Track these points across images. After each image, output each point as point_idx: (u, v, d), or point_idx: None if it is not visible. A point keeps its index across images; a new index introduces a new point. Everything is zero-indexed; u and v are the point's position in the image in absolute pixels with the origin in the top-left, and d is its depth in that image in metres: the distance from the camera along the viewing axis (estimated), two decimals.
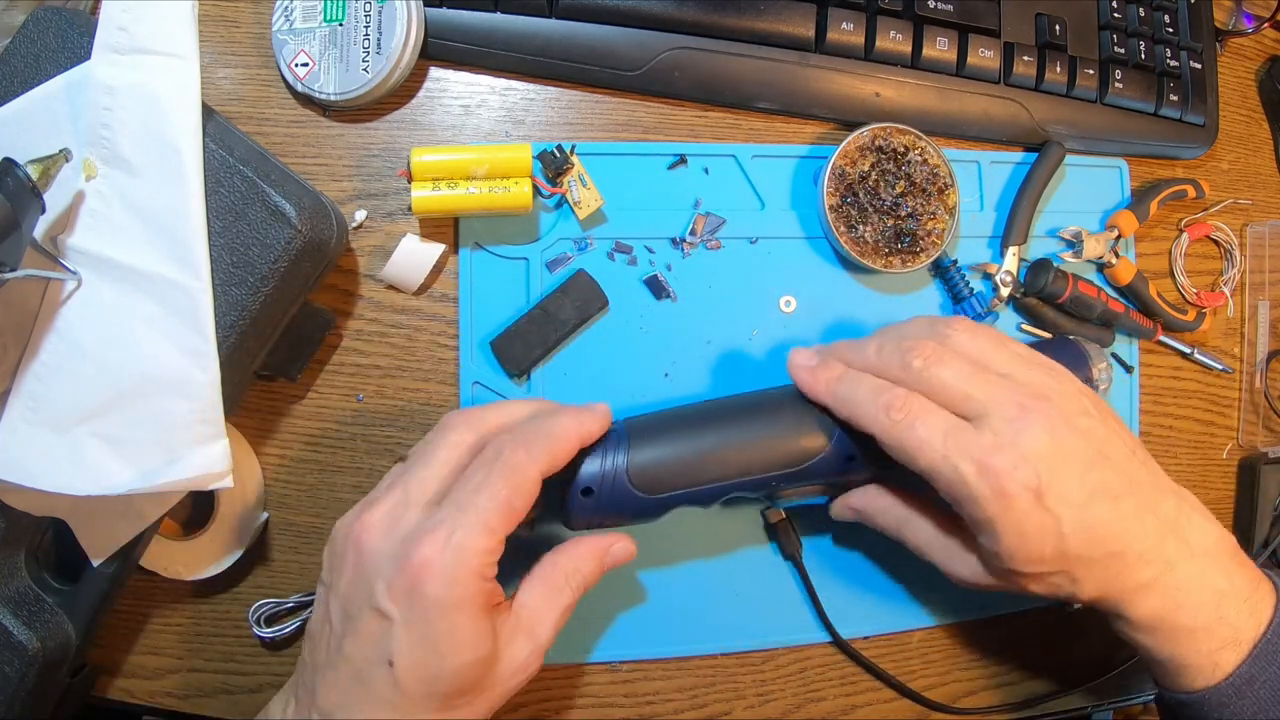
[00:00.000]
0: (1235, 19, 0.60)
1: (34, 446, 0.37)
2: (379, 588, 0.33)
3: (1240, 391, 0.59)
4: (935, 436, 0.37)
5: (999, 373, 0.39)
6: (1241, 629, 0.39)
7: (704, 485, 0.40)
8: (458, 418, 0.38)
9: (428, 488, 0.36)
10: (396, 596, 0.33)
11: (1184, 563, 0.38)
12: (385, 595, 0.33)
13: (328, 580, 0.36)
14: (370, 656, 0.34)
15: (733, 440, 0.40)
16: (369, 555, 0.34)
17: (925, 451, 0.37)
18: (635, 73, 0.48)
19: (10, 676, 0.39)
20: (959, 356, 0.39)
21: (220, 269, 0.38)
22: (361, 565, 0.34)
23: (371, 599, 0.33)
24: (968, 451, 0.36)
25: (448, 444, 0.37)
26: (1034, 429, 0.36)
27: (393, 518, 0.35)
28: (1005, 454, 0.36)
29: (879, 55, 0.50)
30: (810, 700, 0.51)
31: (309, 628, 0.37)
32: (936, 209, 0.50)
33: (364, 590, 0.34)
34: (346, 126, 0.47)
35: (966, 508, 0.37)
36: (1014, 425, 0.36)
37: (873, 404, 0.39)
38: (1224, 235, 0.58)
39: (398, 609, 0.33)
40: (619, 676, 0.49)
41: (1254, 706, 0.38)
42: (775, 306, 0.50)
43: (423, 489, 0.36)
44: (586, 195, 0.47)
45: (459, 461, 0.37)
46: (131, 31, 0.37)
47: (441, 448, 0.37)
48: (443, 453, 0.37)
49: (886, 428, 0.38)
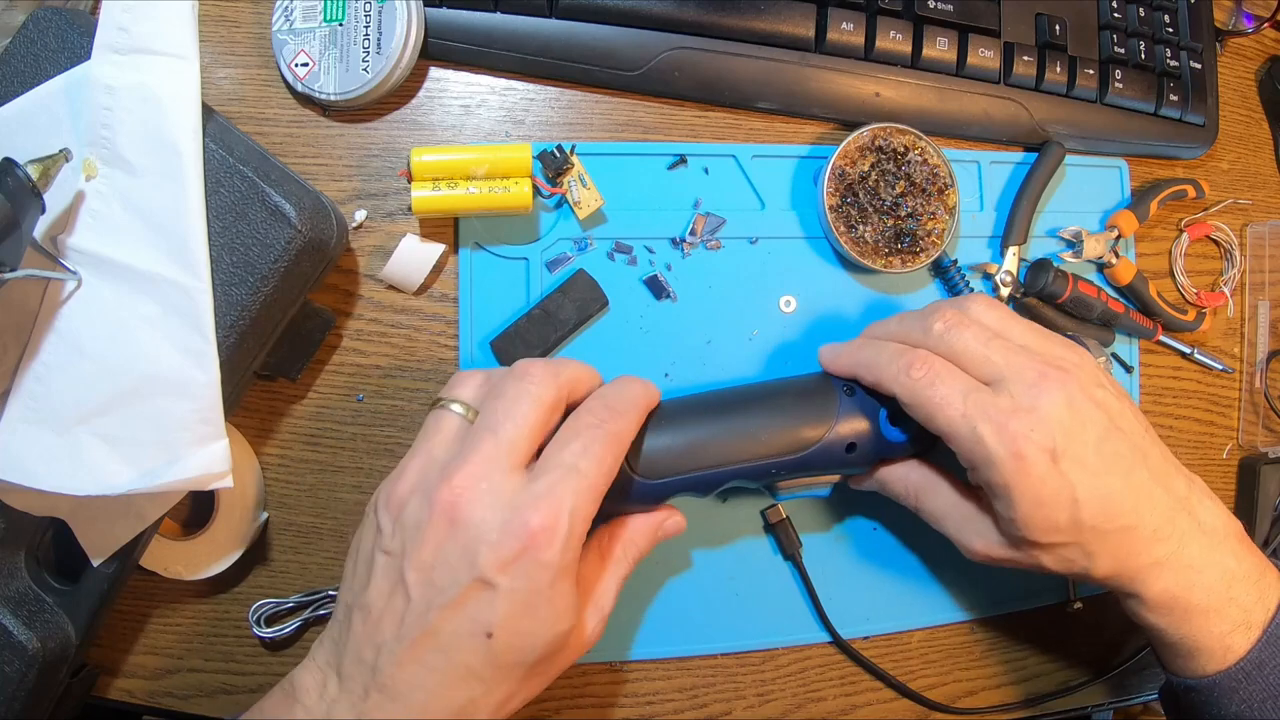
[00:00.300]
0: (1235, 19, 0.60)
1: (34, 446, 0.37)
2: (483, 555, 0.32)
3: (1240, 391, 0.59)
4: (955, 395, 0.37)
5: (1017, 343, 0.39)
6: (1252, 612, 0.39)
7: (703, 471, 0.40)
8: (538, 371, 0.36)
9: (519, 449, 0.34)
10: (505, 564, 0.32)
11: (1195, 541, 0.39)
12: (492, 563, 0.32)
13: (396, 549, 0.33)
14: (464, 629, 0.32)
15: (733, 427, 0.40)
16: (470, 523, 0.32)
17: (945, 409, 0.37)
18: (635, 73, 0.48)
19: (10, 676, 0.39)
20: (978, 324, 0.40)
21: (220, 269, 0.38)
22: (459, 533, 0.32)
23: (474, 567, 0.32)
24: (986, 413, 0.37)
25: (534, 400, 0.35)
26: (1052, 395, 0.37)
27: (490, 483, 0.33)
28: (1023, 418, 0.36)
29: (879, 55, 0.50)
30: (810, 700, 0.51)
31: (362, 600, 0.34)
32: (936, 209, 0.50)
33: (462, 559, 0.32)
34: (346, 126, 0.47)
35: (983, 471, 0.38)
36: (1032, 390, 0.37)
37: (894, 364, 0.39)
38: (1224, 235, 0.58)
39: (506, 578, 0.32)
40: (619, 676, 0.49)
41: (1263, 691, 0.38)
42: (775, 306, 0.50)
43: (514, 451, 0.34)
44: (586, 195, 0.47)
45: (546, 421, 0.35)
46: (131, 31, 0.37)
47: (527, 404, 0.35)
48: (531, 411, 0.34)
49: (907, 386, 0.38)
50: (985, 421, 0.37)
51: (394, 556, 0.33)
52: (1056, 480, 0.36)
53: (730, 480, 0.41)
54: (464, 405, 0.36)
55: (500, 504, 0.33)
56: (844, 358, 0.42)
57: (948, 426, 0.38)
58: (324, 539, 0.47)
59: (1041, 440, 0.36)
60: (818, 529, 0.51)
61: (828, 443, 0.41)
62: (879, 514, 0.51)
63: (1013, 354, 0.38)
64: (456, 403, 0.36)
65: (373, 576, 0.34)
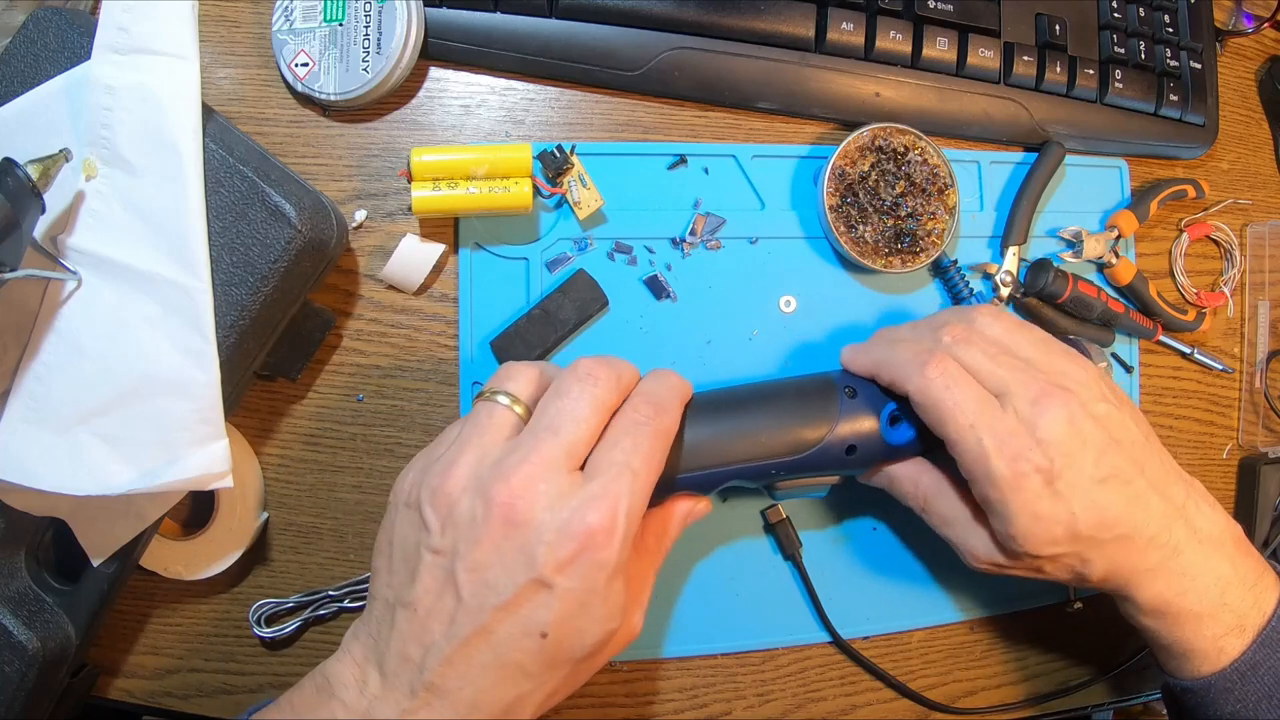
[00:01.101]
0: (1235, 19, 0.60)
1: (34, 446, 0.37)
2: (541, 555, 0.31)
3: (1240, 391, 0.59)
4: (968, 404, 0.38)
5: (1021, 358, 0.40)
6: (1246, 616, 0.39)
7: (704, 470, 0.40)
8: (603, 372, 0.35)
9: (580, 451, 0.34)
10: (563, 565, 0.32)
11: (1190, 548, 0.39)
12: (550, 564, 0.31)
13: (448, 548, 0.33)
14: (518, 629, 0.32)
15: (734, 427, 0.40)
16: (529, 524, 0.32)
17: (956, 417, 0.38)
18: (635, 73, 0.48)
19: (10, 676, 0.39)
20: (984, 338, 0.40)
21: (220, 269, 0.38)
22: (516, 534, 0.32)
23: (531, 568, 0.31)
24: (992, 428, 0.37)
25: (597, 403, 0.34)
26: (1052, 414, 0.37)
27: (548, 484, 0.32)
28: (1022, 437, 0.37)
29: (879, 55, 0.50)
30: (810, 700, 0.51)
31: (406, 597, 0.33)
32: (936, 209, 0.50)
33: (519, 560, 0.32)
34: (346, 126, 0.47)
35: (981, 485, 0.38)
36: (1034, 409, 0.37)
37: (911, 362, 0.40)
38: (1224, 235, 0.58)
39: (563, 578, 0.32)
40: (619, 676, 0.49)
41: (1258, 693, 0.39)
42: (775, 306, 0.50)
43: (574, 454, 0.34)
44: (586, 195, 0.47)
45: (604, 423, 0.35)
46: (131, 31, 0.37)
47: (589, 407, 0.34)
48: (594, 415, 0.34)
49: (922, 386, 0.39)
50: (990, 436, 0.37)
51: (444, 555, 0.33)
52: (1051, 500, 0.37)
53: (730, 480, 0.41)
54: (514, 399, 0.36)
55: (558, 505, 0.32)
56: (863, 356, 0.43)
57: (955, 434, 0.38)
58: (324, 539, 0.47)
59: (1039, 461, 0.37)
60: (818, 529, 0.51)
61: (828, 444, 0.41)
62: (879, 514, 0.51)
63: (1017, 370, 0.39)
64: (507, 395, 0.36)
65: (419, 574, 0.33)
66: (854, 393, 0.42)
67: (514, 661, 0.32)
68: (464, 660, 0.32)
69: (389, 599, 0.34)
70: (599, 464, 0.34)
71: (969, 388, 0.38)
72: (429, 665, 0.32)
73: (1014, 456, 0.37)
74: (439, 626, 0.32)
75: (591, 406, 0.34)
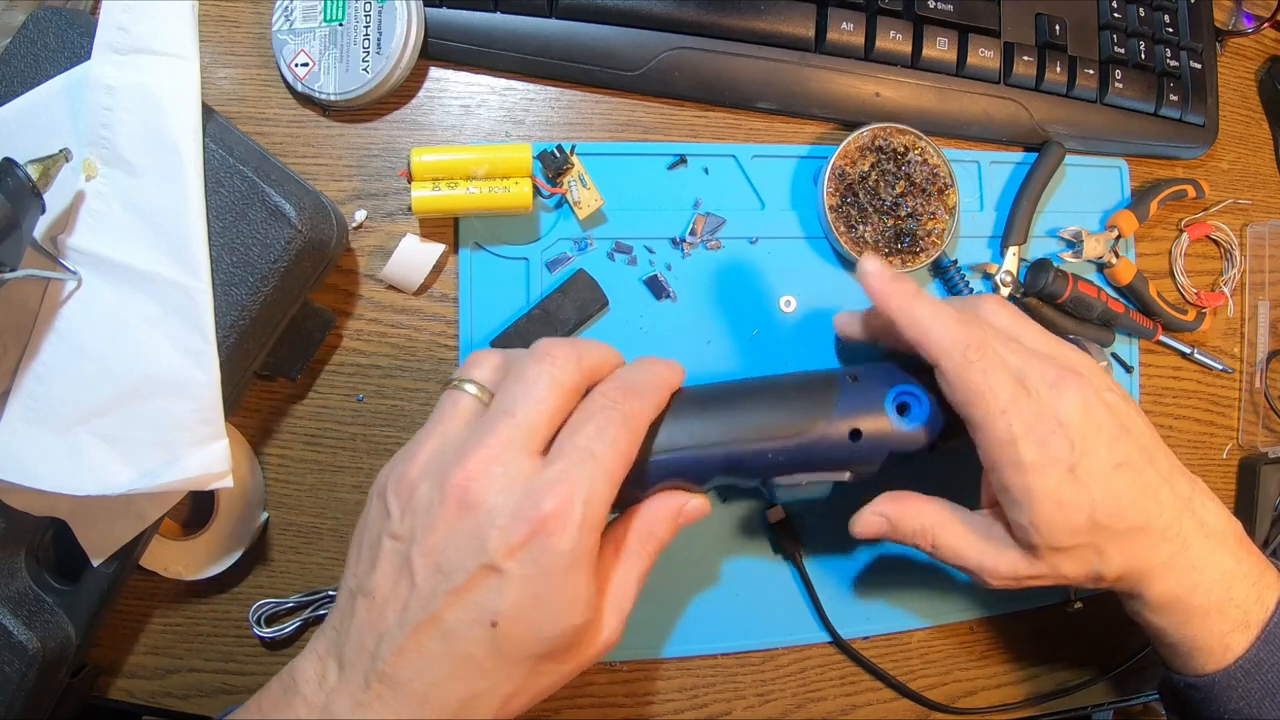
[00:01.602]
0: (1235, 19, 0.60)
1: (34, 446, 0.37)
2: (493, 540, 0.31)
3: (1240, 391, 0.59)
4: (1004, 389, 0.37)
5: (1029, 347, 0.40)
6: (1250, 612, 0.39)
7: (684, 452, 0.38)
8: (560, 352, 0.34)
9: (537, 434, 0.33)
10: (514, 549, 0.31)
11: (1198, 541, 0.39)
12: (501, 549, 0.31)
13: (405, 533, 0.32)
14: (469, 617, 0.31)
15: (725, 412, 0.39)
16: (481, 508, 0.31)
17: (989, 401, 0.37)
18: (635, 73, 0.48)
19: (10, 676, 0.39)
20: (991, 327, 0.40)
21: (220, 269, 0.38)
22: (468, 516, 0.31)
23: (483, 553, 0.31)
24: (1024, 417, 0.37)
25: (553, 383, 0.34)
26: (1069, 397, 0.37)
27: (504, 466, 0.32)
28: (1046, 421, 0.37)
29: (879, 55, 0.50)
30: (810, 700, 0.51)
31: (366, 585, 0.33)
32: (936, 209, 0.50)
33: (471, 543, 0.31)
34: (346, 126, 0.47)
35: (1006, 472, 0.37)
36: (1051, 393, 0.37)
37: (950, 336, 0.38)
38: (1224, 235, 0.58)
39: (515, 564, 0.31)
40: (619, 676, 0.49)
41: (1262, 689, 0.39)
42: (775, 306, 0.50)
43: (532, 435, 0.33)
44: (586, 195, 0.47)
45: (566, 406, 0.34)
46: (131, 31, 0.37)
47: (546, 388, 0.33)
48: (550, 394, 0.33)
49: (959, 365, 0.37)
50: (1020, 422, 0.37)
51: (402, 541, 0.32)
52: (1074, 486, 0.37)
53: (719, 469, 0.38)
54: (479, 386, 0.35)
55: (513, 488, 0.31)
56: (895, 299, 0.39)
57: (985, 420, 0.37)
58: (324, 539, 0.47)
59: (1060, 446, 0.37)
60: (818, 529, 0.51)
61: (829, 429, 0.39)
62: None
63: (1029, 357, 0.39)
64: (472, 383, 0.35)
65: (378, 561, 0.33)
66: (856, 377, 0.41)
67: (465, 652, 0.31)
68: (415, 649, 0.31)
69: (352, 588, 0.34)
70: (560, 448, 0.33)
71: (1004, 372, 0.37)
72: (382, 654, 0.32)
73: (1040, 442, 0.36)
74: (393, 614, 0.32)
75: (548, 387, 0.33)
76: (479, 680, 0.32)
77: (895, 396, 0.41)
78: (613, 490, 0.33)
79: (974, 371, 0.37)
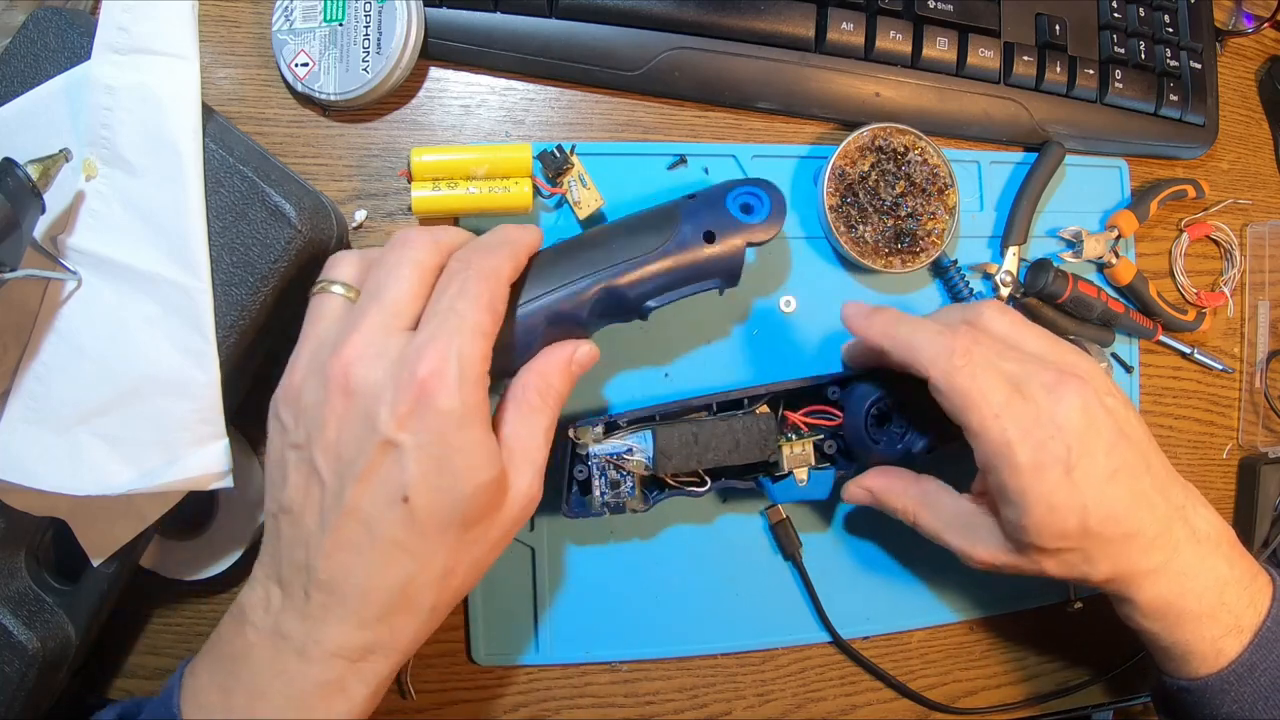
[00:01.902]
0: (1235, 19, 0.60)
1: (34, 446, 0.37)
2: (382, 416, 0.31)
3: (1240, 391, 0.59)
4: (996, 394, 0.37)
5: (1030, 352, 0.40)
6: (1243, 616, 0.40)
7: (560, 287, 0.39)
8: (416, 237, 0.35)
9: (404, 311, 0.34)
10: (404, 419, 0.31)
11: (1190, 548, 0.39)
12: (391, 422, 0.31)
13: (303, 440, 0.33)
14: (381, 497, 0.31)
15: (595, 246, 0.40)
16: (362, 389, 0.32)
17: (982, 406, 0.37)
18: (635, 73, 0.48)
19: (10, 676, 0.39)
20: (991, 337, 0.40)
21: (220, 269, 0.38)
22: (354, 401, 0.32)
23: (375, 431, 0.31)
24: (1019, 420, 0.37)
25: (414, 263, 0.35)
26: (1069, 401, 0.37)
27: (378, 346, 0.32)
28: (1044, 425, 0.37)
29: (879, 55, 0.50)
30: (810, 700, 0.51)
31: (282, 504, 0.34)
32: (936, 209, 0.50)
33: (363, 426, 0.32)
34: (346, 126, 0.47)
35: (1003, 474, 0.38)
36: (1050, 397, 0.37)
37: (933, 346, 0.39)
38: (1224, 235, 0.58)
39: (407, 433, 0.31)
40: (619, 676, 0.49)
41: (1254, 693, 0.39)
42: (775, 306, 0.50)
43: (399, 314, 0.33)
44: (586, 195, 0.47)
45: (428, 283, 0.35)
46: (131, 31, 0.37)
47: (407, 268, 0.34)
48: (412, 273, 0.34)
49: (946, 372, 0.38)
50: (1015, 426, 0.37)
51: (302, 448, 0.33)
52: (1069, 488, 0.37)
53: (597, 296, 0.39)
54: (344, 285, 0.36)
55: (389, 363, 0.32)
56: (877, 327, 0.41)
57: (979, 425, 0.37)
58: None
59: (1058, 449, 0.37)
60: (818, 529, 0.51)
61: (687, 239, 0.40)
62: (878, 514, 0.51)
63: (1028, 363, 0.39)
64: (337, 284, 0.36)
65: (288, 475, 0.33)
66: (694, 197, 0.42)
67: (386, 536, 0.32)
68: (340, 548, 0.32)
69: (274, 510, 0.34)
70: (425, 317, 0.33)
71: (995, 377, 0.38)
72: (312, 563, 0.32)
73: (1037, 445, 0.37)
74: (312, 520, 0.32)
75: (410, 266, 0.34)
76: (409, 561, 0.32)
77: (736, 197, 0.42)
78: (484, 343, 0.33)
79: (962, 376, 0.38)
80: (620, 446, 0.43)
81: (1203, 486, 0.57)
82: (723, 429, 0.44)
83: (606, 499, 0.44)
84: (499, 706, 0.48)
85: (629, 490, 0.44)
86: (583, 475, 0.43)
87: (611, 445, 0.44)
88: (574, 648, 0.48)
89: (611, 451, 0.43)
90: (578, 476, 0.43)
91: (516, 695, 0.49)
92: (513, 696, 0.48)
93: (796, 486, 0.45)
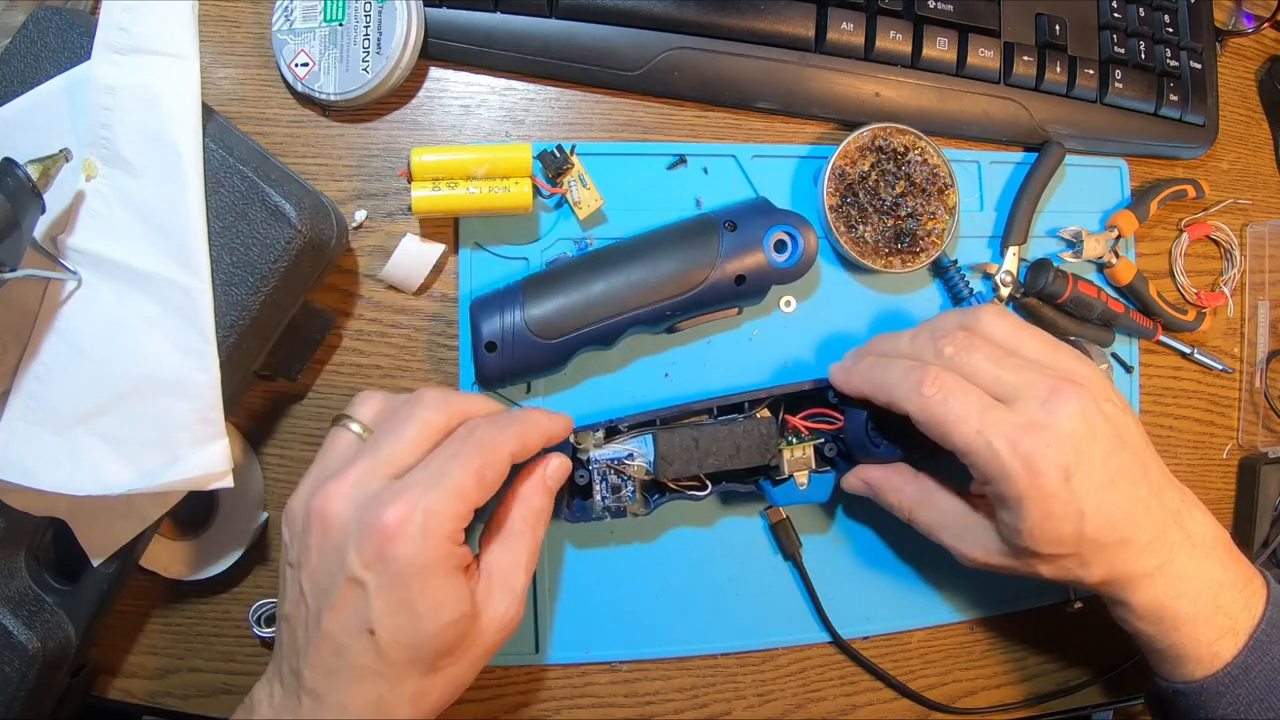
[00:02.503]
0: (1235, 19, 0.60)
1: (34, 446, 0.37)
2: (350, 555, 0.33)
3: (1240, 391, 0.59)
4: (971, 412, 0.38)
5: (1028, 358, 0.40)
6: (1238, 619, 0.40)
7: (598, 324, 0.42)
8: (432, 397, 0.37)
9: (396, 461, 0.35)
10: (368, 561, 0.33)
11: (1185, 552, 0.39)
12: (356, 562, 0.33)
13: (295, 560, 0.36)
14: (350, 626, 0.33)
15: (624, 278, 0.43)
16: (336, 524, 0.34)
17: (960, 427, 0.38)
18: (635, 73, 0.48)
19: (10, 676, 0.39)
20: (989, 342, 0.40)
21: (220, 269, 0.38)
22: (329, 536, 0.34)
23: (344, 567, 0.33)
24: (1001, 429, 0.37)
25: (420, 421, 0.36)
26: (1066, 409, 0.37)
27: (361, 489, 0.34)
28: (1038, 433, 0.37)
29: (879, 55, 0.50)
30: (810, 700, 0.51)
31: (283, 611, 0.37)
32: (936, 209, 0.50)
33: (335, 560, 0.34)
34: (346, 126, 0.47)
35: (998, 484, 0.38)
36: (1046, 405, 0.37)
37: (905, 382, 0.39)
38: (1224, 235, 0.58)
39: (370, 574, 0.33)
40: (619, 676, 0.49)
41: (1249, 695, 0.39)
42: (775, 306, 0.50)
43: (391, 462, 0.35)
44: (586, 195, 0.47)
45: (430, 441, 0.36)
46: (131, 31, 0.37)
47: (413, 424, 0.36)
48: (414, 430, 0.36)
49: (920, 405, 0.39)
50: (1000, 437, 0.37)
51: (294, 567, 0.36)
52: (1066, 496, 0.37)
53: (628, 328, 0.42)
54: (361, 425, 0.38)
55: (361, 504, 0.34)
56: (855, 377, 0.43)
57: (963, 443, 0.38)
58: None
59: (1056, 457, 0.37)
60: (818, 529, 0.51)
61: (717, 276, 0.43)
62: (878, 514, 0.51)
63: (1025, 371, 0.39)
64: (356, 422, 0.38)
65: (286, 588, 0.36)
66: (734, 226, 0.44)
67: (357, 662, 0.33)
68: (320, 664, 0.34)
69: (280, 614, 0.37)
70: (414, 470, 0.35)
71: (968, 395, 0.38)
72: (302, 672, 0.34)
73: (1029, 453, 0.37)
74: (301, 634, 0.35)
75: (414, 424, 0.36)
76: (380, 683, 0.34)
77: (772, 233, 0.44)
78: (460, 504, 0.34)
79: (934, 405, 0.38)
80: (621, 451, 0.44)
81: (1203, 486, 0.57)
82: (723, 433, 0.44)
83: (607, 503, 0.44)
84: (499, 706, 0.48)
85: (630, 494, 0.44)
86: (584, 480, 0.43)
87: (612, 450, 0.44)
88: (574, 648, 0.48)
89: (612, 456, 0.44)
90: (578, 481, 0.43)
91: (516, 695, 0.49)
92: (513, 696, 0.49)
93: (797, 490, 0.45)
